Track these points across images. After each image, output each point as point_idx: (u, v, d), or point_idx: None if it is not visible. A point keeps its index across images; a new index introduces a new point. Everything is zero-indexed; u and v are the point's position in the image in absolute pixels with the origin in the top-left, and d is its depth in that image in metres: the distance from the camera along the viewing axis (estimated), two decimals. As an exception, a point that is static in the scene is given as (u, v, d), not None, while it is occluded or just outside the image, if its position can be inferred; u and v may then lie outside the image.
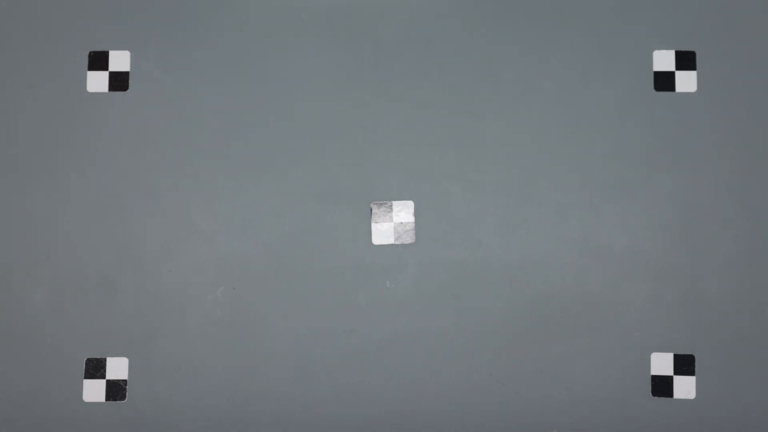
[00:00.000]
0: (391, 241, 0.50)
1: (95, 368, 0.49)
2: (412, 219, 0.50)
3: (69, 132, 0.51)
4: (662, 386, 0.49)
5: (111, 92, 0.51)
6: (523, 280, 0.50)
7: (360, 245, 0.50)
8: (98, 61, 0.52)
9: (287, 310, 0.50)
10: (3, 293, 0.50)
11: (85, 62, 0.52)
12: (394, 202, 0.50)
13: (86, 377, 0.49)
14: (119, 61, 0.52)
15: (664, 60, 0.51)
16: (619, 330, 0.49)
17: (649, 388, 0.49)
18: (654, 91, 0.51)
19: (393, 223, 0.50)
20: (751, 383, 0.49)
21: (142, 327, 0.49)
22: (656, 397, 0.49)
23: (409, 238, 0.50)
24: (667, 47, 0.51)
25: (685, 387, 0.49)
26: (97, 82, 0.52)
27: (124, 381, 0.49)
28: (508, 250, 0.50)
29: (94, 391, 0.49)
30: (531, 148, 0.51)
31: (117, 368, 0.49)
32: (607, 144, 0.51)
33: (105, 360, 0.49)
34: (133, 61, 0.52)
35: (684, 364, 0.49)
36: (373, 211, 0.50)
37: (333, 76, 0.51)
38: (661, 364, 0.49)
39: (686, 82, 0.51)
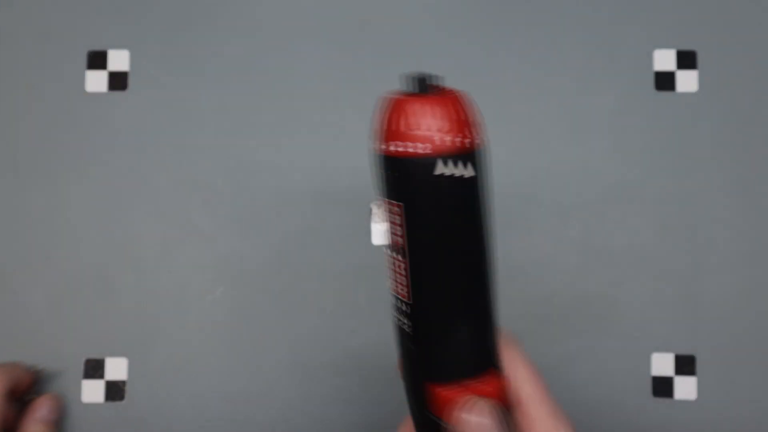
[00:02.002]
0: (391, 241, 0.50)
1: (94, 368, 0.49)
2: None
3: (68, 132, 0.51)
4: (663, 387, 0.49)
5: (110, 92, 0.51)
6: (523, 280, 0.50)
7: (360, 245, 0.50)
8: (97, 60, 0.51)
9: (287, 310, 0.49)
10: (2, 293, 0.50)
11: (84, 61, 0.52)
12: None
13: (85, 377, 0.49)
14: (118, 60, 0.51)
15: (664, 59, 0.51)
16: (619, 330, 0.49)
17: (650, 388, 0.49)
18: (655, 90, 0.51)
19: (393, 223, 0.50)
20: (753, 384, 0.49)
21: (141, 327, 0.49)
22: (657, 398, 0.49)
23: (409, 238, 0.50)
24: (667, 47, 0.51)
25: (686, 387, 0.49)
26: (96, 81, 0.51)
27: (123, 382, 0.49)
28: (508, 250, 0.50)
29: (92, 391, 0.49)
30: (531, 148, 0.51)
31: (116, 368, 0.49)
32: (607, 144, 0.51)
33: (104, 360, 0.49)
34: (133, 61, 0.52)
35: (685, 365, 0.49)
36: (373, 211, 0.50)
37: (333, 76, 0.51)
38: (662, 364, 0.49)
39: (687, 81, 0.51)
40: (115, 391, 0.49)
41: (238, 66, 0.51)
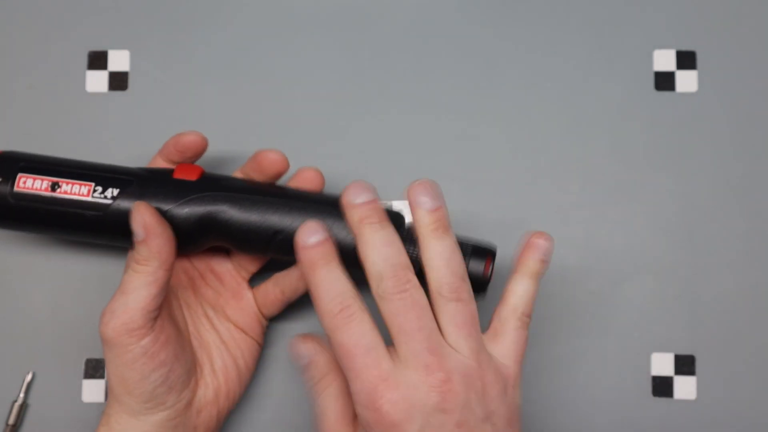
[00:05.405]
0: (391, 241, 0.50)
1: (94, 368, 0.49)
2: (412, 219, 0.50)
3: (68, 132, 0.51)
4: (663, 386, 0.49)
5: (110, 92, 0.51)
6: (523, 280, 0.50)
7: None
8: (97, 60, 0.51)
9: (287, 310, 0.49)
10: (3, 293, 0.50)
11: (84, 62, 0.52)
12: (394, 202, 0.50)
13: (85, 377, 0.49)
14: (118, 60, 0.51)
15: (664, 60, 0.51)
16: (619, 330, 0.49)
17: (650, 388, 0.49)
18: (654, 90, 0.51)
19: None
20: (752, 383, 0.49)
21: (142, 327, 0.49)
22: (656, 398, 0.49)
23: (409, 238, 0.50)
24: (667, 47, 0.51)
25: (685, 387, 0.49)
26: (96, 81, 0.51)
27: (124, 381, 0.49)
28: (508, 250, 0.50)
29: (93, 391, 0.49)
30: (531, 148, 0.51)
31: (116, 368, 0.49)
32: (607, 144, 0.51)
33: (104, 360, 0.49)
34: (133, 61, 0.52)
35: (684, 365, 0.49)
36: (373, 211, 0.50)
37: (333, 76, 0.51)
38: (662, 364, 0.49)
39: (687, 81, 0.51)
40: (115, 391, 0.49)
41: (238, 66, 0.51)
